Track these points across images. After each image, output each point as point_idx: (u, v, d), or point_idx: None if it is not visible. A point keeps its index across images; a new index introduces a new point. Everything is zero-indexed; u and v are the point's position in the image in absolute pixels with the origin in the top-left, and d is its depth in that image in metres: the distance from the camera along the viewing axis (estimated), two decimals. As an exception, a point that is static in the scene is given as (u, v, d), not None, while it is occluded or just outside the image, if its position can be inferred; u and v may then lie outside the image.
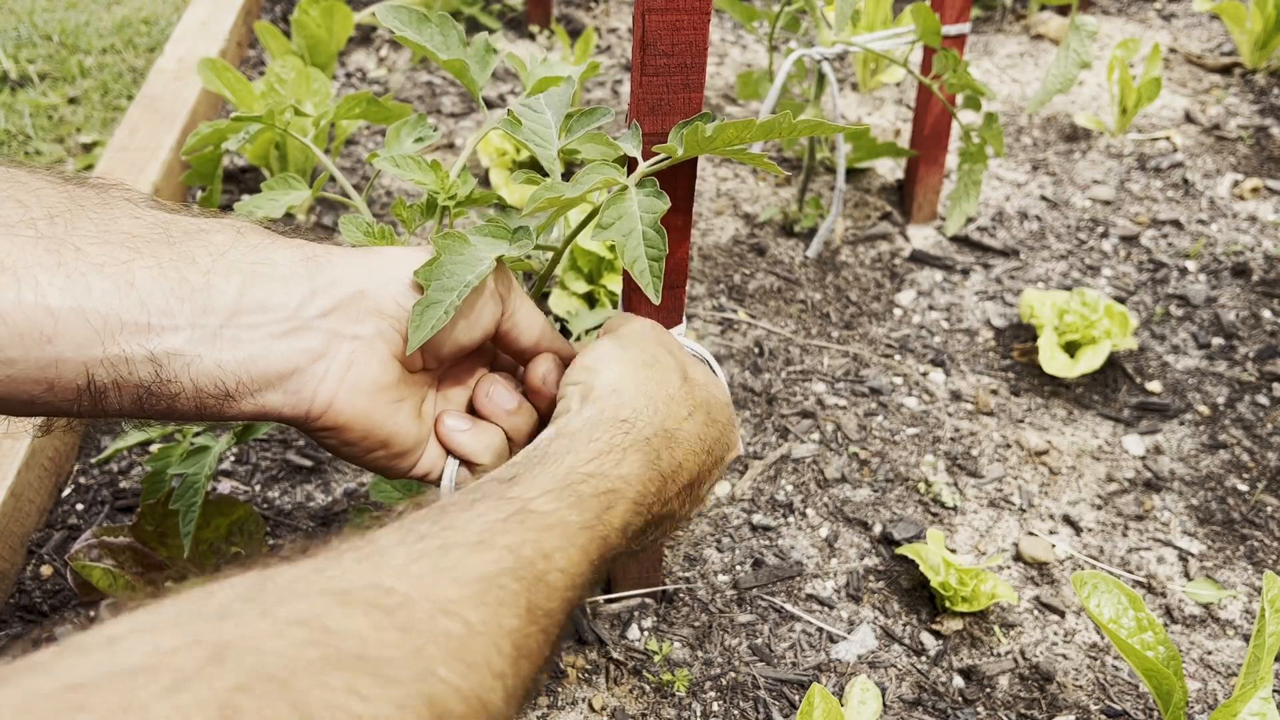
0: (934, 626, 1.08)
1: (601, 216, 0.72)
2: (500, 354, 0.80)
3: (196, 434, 0.98)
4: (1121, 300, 1.53)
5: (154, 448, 1.21)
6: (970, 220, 1.68)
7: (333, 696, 0.39)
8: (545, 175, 0.78)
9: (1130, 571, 1.15)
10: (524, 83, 0.89)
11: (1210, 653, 1.07)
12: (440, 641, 0.46)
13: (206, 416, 0.65)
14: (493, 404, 0.76)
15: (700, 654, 1.03)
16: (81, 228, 0.60)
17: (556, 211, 0.75)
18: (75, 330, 0.58)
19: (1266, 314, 1.52)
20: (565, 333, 1.37)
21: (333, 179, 1.68)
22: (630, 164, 0.75)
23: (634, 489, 0.66)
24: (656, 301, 0.73)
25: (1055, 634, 1.08)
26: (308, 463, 1.23)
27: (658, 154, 0.73)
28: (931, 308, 1.51)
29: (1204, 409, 1.36)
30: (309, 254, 0.67)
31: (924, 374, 1.39)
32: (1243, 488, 1.25)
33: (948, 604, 1.07)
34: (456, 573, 0.50)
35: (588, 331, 1.28)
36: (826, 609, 1.09)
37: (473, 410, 0.78)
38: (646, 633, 1.05)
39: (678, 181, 0.78)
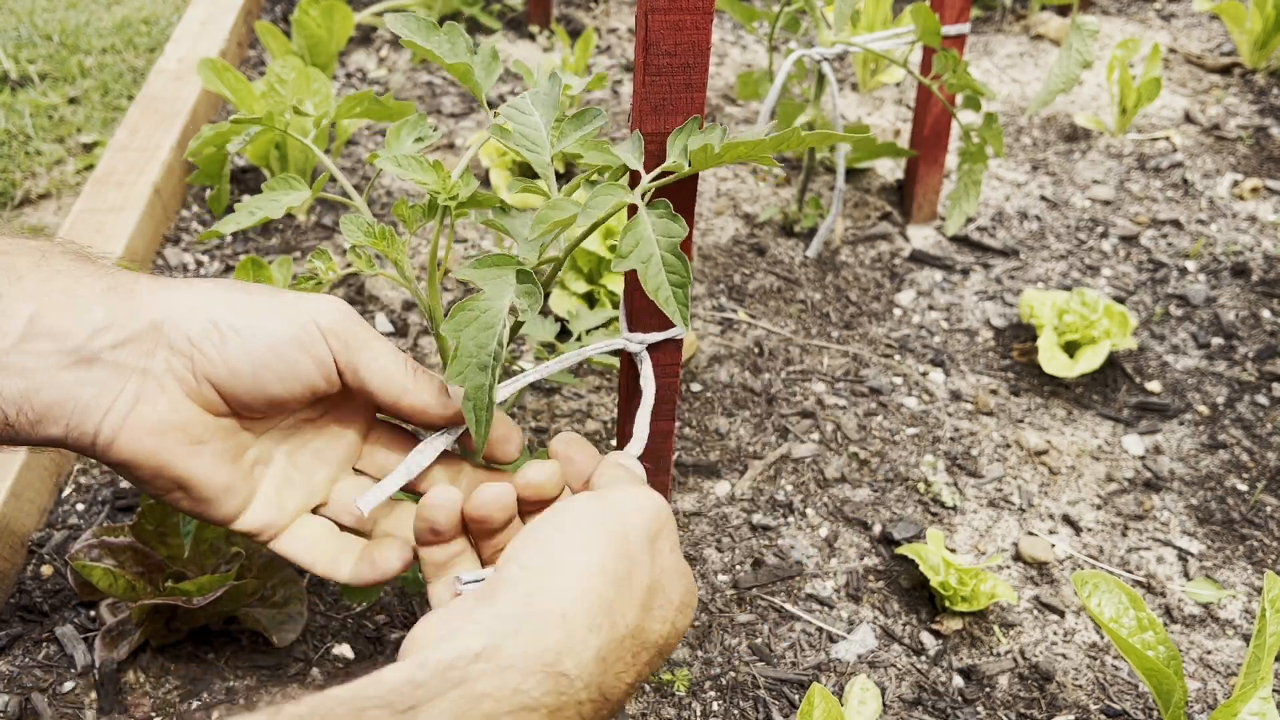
0: (934, 626, 1.08)
1: (620, 245, 0.70)
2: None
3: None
4: (1121, 300, 1.53)
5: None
6: (970, 220, 1.69)
7: None
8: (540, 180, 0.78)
9: (1130, 571, 1.15)
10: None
11: (1210, 652, 1.07)
12: None
13: None
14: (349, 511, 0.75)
15: (700, 654, 1.04)
16: None
17: (561, 230, 0.75)
18: None
19: (1266, 314, 1.52)
20: (565, 333, 1.37)
21: (333, 179, 1.68)
22: (632, 177, 0.74)
23: None
24: (686, 329, 0.71)
25: (1055, 634, 1.08)
26: (308, 462, 1.23)
27: (662, 163, 0.73)
28: (931, 308, 1.51)
29: (1204, 409, 1.36)
30: (114, 283, 0.65)
31: (924, 374, 1.40)
32: (1242, 487, 1.25)
33: (947, 604, 1.07)
34: None
35: (588, 332, 1.28)
36: (826, 609, 1.09)
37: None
38: (647, 632, 1.05)
39: (680, 188, 0.78)
